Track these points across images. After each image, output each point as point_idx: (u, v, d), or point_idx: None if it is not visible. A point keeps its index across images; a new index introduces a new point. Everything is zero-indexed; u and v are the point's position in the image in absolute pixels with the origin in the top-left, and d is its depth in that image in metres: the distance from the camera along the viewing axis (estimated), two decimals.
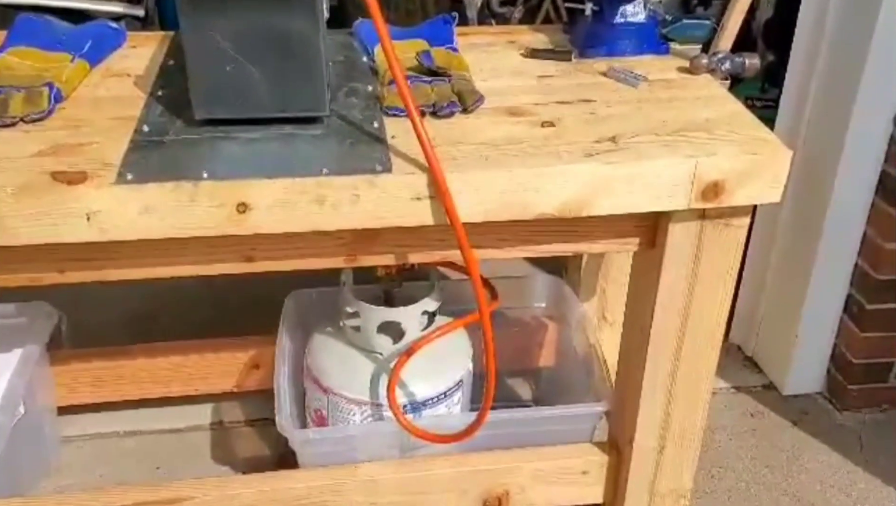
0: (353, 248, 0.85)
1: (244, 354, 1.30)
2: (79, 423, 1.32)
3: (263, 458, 1.31)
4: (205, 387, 1.30)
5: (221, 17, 0.75)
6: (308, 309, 1.22)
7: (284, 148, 0.79)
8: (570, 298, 1.28)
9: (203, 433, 1.35)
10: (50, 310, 1.17)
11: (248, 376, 1.31)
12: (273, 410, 1.35)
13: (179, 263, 0.83)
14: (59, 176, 0.72)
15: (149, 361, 1.27)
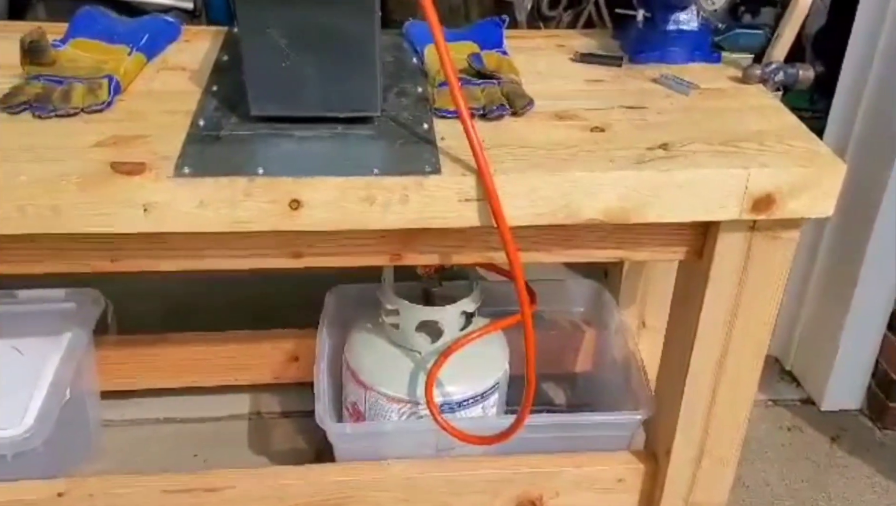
0: (398, 246, 0.86)
1: (284, 346, 1.32)
2: (120, 408, 1.35)
3: (300, 450, 1.32)
4: (244, 377, 1.33)
5: (278, 16, 0.76)
6: (348, 304, 1.24)
7: (336, 147, 0.80)
8: (610, 303, 1.27)
9: (241, 423, 1.37)
10: (98, 297, 1.20)
11: (287, 368, 1.33)
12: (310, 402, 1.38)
13: (229, 256, 0.84)
14: (118, 167, 0.74)
15: (191, 349, 1.30)
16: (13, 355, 1.10)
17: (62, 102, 0.82)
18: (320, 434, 1.34)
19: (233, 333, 1.31)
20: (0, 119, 0.81)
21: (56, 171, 0.73)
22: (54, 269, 0.82)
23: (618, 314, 1.25)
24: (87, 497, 0.98)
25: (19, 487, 0.98)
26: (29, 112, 0.82)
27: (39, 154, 0.75)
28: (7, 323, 1.14)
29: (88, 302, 1.18)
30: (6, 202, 0.71)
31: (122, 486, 1.00)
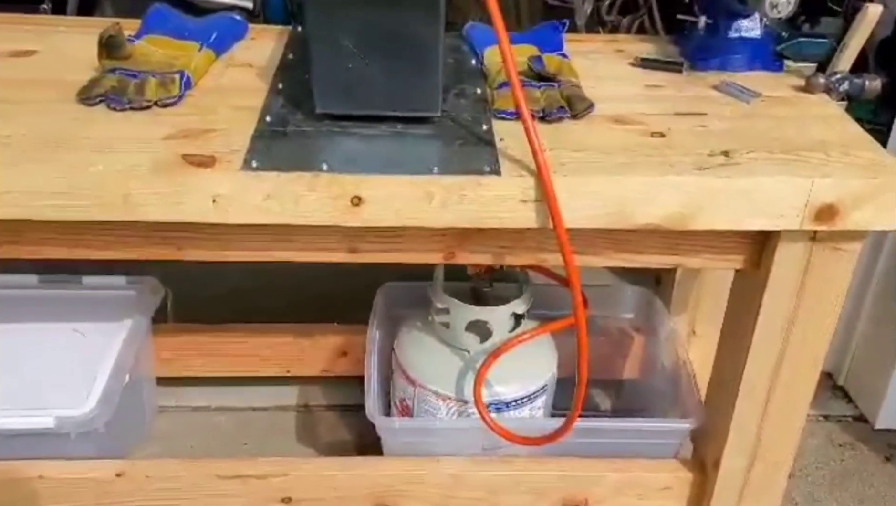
0: (452, 245, 0.87)
1: (333, 340, 1.34)
2: (173, 394, 1.39)
3: (345, 442, 1.34)
4: (295, 369, 1.35)
5: (346, 18, 0.78)
6: (396, 302, 1.25)
7: (397, 145, 0.82)
8: (660, 310, 1.26)
9: (289, 414, 1.40)
10: (157, 285, 1.23)
11: (336, 363, 1.35)
12: (356, 396, 1.40)
13: (290, 249, 0.86)
14: (189, 159, 0.77)
15: (244, 340, 1.33)
16: (76, 338, 1.14)
17: (136, 95, 0.85)
18: (365, 428, 1.36)
19: (285, 325, 1.34)
20: (77, 110, 0.85)
21: (130, 161, 0.76)
22: (124, 256, 0.85)
23: (668, 322, 1.25)
24: (144, 478, 1.02)
25: (81, 465, 1.01)
26: (104, 104, 0.85)
27: (114, 145, 0.79)
28: (71, 307, 1.19)
29: (148, 290, 1.22)
30: (84, 190, 0.75)
31: (178, 470, 1.03)
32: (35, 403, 1.02)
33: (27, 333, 1.14)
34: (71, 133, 0.80)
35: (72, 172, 0.74)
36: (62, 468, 1.00)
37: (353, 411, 1.41)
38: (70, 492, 1.01)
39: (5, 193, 0.74)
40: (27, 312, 1.17)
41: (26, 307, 1.18)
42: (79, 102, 0.86)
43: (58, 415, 0.98)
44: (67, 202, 0.75)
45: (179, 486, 1.03)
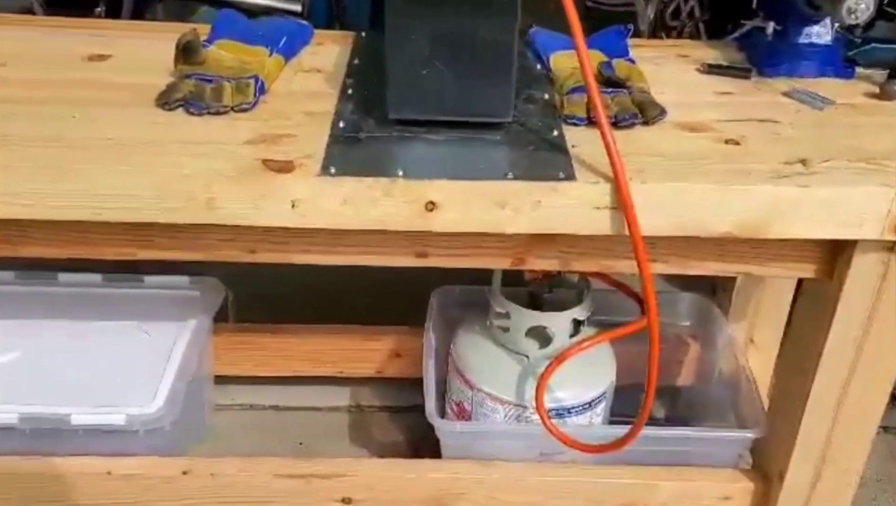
0: (521, 251, 0.87)
1: (387, 342, 1.35)
2: (229, 393, 1.41)
3: (397, 443, 1.35)
4: (349, 370, 1.36)
5: (424, 25, 0.79)
6: (451, 306, 1.26)
7: (469, 151, 0.83)
8: (718, 318, 1.25)
9: (341, 415, 1.42)
10: (218, 285, 1.26)
11: (389, 364, 1.36)
12: (408, 398, 1.42)
13: (360, 252, 0.87)
14: (269, 164, 0.78)
15: (299, 340, 1.34)
16: (141, 337, 1.16)
17: (214, 101, 0.87)
18: (417, 429, 1.38)
19: (340, 326, 1.36)
20: (157, 114, 0.87)
21: (212, 165, 0.77)
22: (197, 257, 0.87)
23: (726, 329, 1.23)
24: (209, 476, 1.03)
25: (148, 462, 1.04)
26: (183, 109, 0.87)
27: (195, 149, 0.80)
28: (134, 306, 1.21)
29: (211, 290, 1.24)
30: (172, 193, 0.76)
31: (241, 468, 1.05)
32: (103, 400, 1.04)
33: (93, 330, 1.17)
34: (155, 137, 0.81)
35: (161, 176, 0.76)
36: (130, 465, 1.03)
37: (404, 412, 1.42)
38: (137, 488, 1.03)
39: (94, 195, 0.76)
40: (93, 311, 1.19)
41: (92, 306, 1.20)
42: (157, 107, 0.88)
43: (128, 413, 1.00)
44: (156, 205, 0.76)
45: (243, 484, 1.04)
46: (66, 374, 1.08)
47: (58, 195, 0.76)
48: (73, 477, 1.02)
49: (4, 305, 1.18)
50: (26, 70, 0.94)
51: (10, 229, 0.82)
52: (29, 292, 1.22)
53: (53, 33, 1.05)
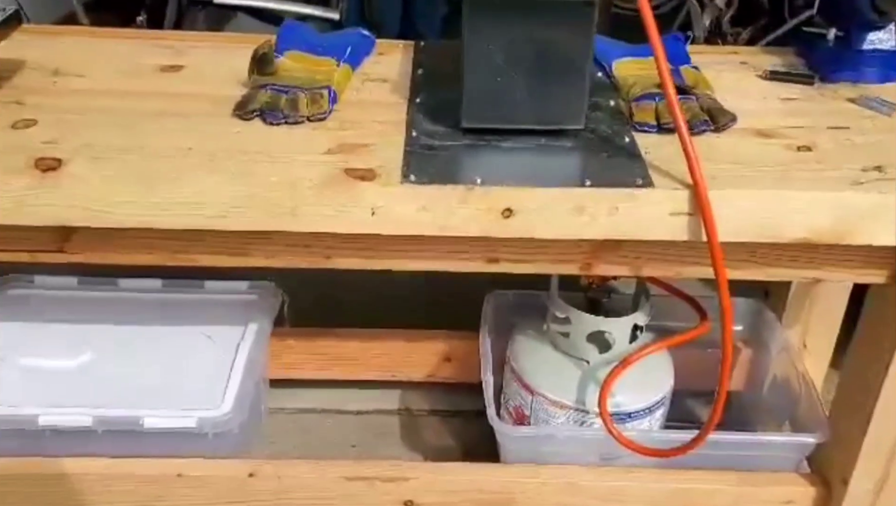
0: (590, 256, 0.88)
1: (438, 346, 1.36)
2: (280, 397, 1.43)
3: (448, 447, 1.36)
4: (401, 374, 1.38)
5: (502, 34, 0.80)
6: (504, 310, 1.27)
7: (544, 158, 0.84)
8: (772, 323, 1.25)
9: (391, 418, 1.43)
10: (276, 290, 1.28)
11: (440, 368, 1.37)
12: (459, 402, 1.43)
13: (430, 257, 0.88)
14: (351, 172, 0.80)
15: (352, 344, 1.36)
16: (204, 341, 1.18)
17: (291, 111, 0.89)
18: (469, 433, 1.39)
19: (392, 330, 1.37)
20: (235, 124, 0.88)
21: (297, 174, 0.79)
22: (275, 264, 0.89)
23: (781, 334, 1.24)
24: (276, 478, 1.05)
25: (216, 464, 1.06)
26: (260, 118, 0.89)
27: (278, 158, 0.82)
28: (196, 311, 1.24)
29: (269, 295, 1.26)
30: (259, 201, 0.78)
31: (307, 470, 1.07)
32: (171, 402, 1.06)
33: (157, 334, 1.19)
34: (237, 146, 0.83)
35: (249, 185, 0.78)
36: (199, 467, 1.05)
37: (455, 416, 1.43)
38: (205, 490, 1.05)
39: (183, 203, 0.78)
40: (155, 315, 1.22)
41: (154, 310, 1.23)
42: (235, 116, 0.89)
43: (199, 416, 1.02)
44: (244, 213, 0.78)
45: (308, 486, 1.06)
46: (134, 377, 1.10)
47: (147, 204, 0.78)
48: (143, 479, 1.04)
49: (69, 310, 1.20)
50: (103, 80, 0.96)
51: (97, 237, 0.84)
52: (91, 298, 1.24)
53: (124, 44, 1.08)
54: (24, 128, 0.84)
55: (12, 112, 0.87)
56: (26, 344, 1.14)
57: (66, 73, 0.97)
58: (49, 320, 1.18)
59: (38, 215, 0.78)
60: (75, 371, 1.11)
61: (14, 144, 0.81)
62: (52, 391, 1.07)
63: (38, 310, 1.20)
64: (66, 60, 0.99)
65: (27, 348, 1.13)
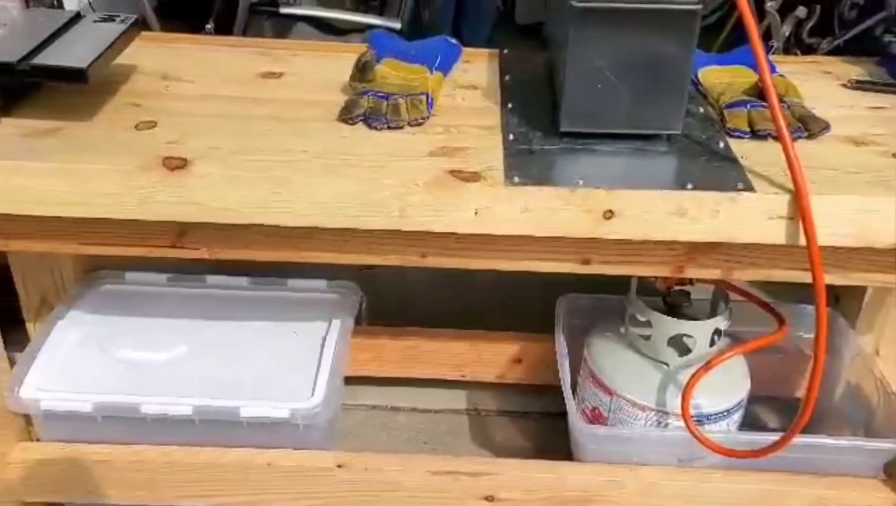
0: (683, 259, 0.90)
1: (509, 348, 1.38)
2: (354, 393, 1.46)
3: (520, 447, 1.39)
4: (471, 374, 1.41)
5: (606, 41, 0.83)
6: (577, 313, 1.29)
7: (644, 162, 0.86)
8: (844, 329, 1.26)
9: (461, 417, 1.46)
10: (355, 288, 1.31)
11: (510, 369, 1.40)
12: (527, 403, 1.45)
13: (526, 258, 0.91)
14: (456, 174, 0.83)
15: (424, 343, 1.39)
16: (291, 337, 1.22)
17: (393, 115, 0.92)
18: (538, 434, 1.41)
19: (464, 331, 1.40)
20: (341, 129, 0.92)
21: (405, 176, 0.83)
22: (375, 261, 0.92)
23: (854, 341, 1.24)
24: (363, 471, 1.09)
25: (306, 455, 1.09)
26: (363, 123, 0.93)
27: (385, 161, 0.86)
28: (280, 307, 1.28)
29: (349, 293, 1.30)
30: (372, 202, 0.82)
31: (393, 464, 1.10)
32: (262, 395, 1.10)
33: (245, 329, 1.23)
34: (345, 149, 0.87)
35: (363, 186, 0.82)
36: (290, 457, 1.09)
37: (523, 417, 1.45)
38: (295, 480, 1.09)
39: (301, 203, 0.82)
40: (242, 311, 1.26)
41: (241, 306, 1.27)
42: (339, 121, 0.94)
43: (292, 407, 1.06)
44: (357, 212, 0.82)
45: (394, 480, 1.09)
46: (225, 369, 1.15)
47: (265, 203, 0.82)
48: (236, 468, 1.08)
49: (161, 305, 1.25)
50: (211, 86, 1.01)
51: (211, 234, 0.88)
52: (181, 294, 1.29)
53: (225, 51, 1.13)
54: (146, 129, 0.89)
55: (133, 114, 0.92)
56: (122, 337, 1.19)
57: (176, 79, 1.02)
58: (142, 315, 1.23)
59: (162, 211, 0.83)
60: (170, 363, 1.16)
61: (140, 143, 0.86)
62: (148, 382, 1.12)
63: (131, 305, 1.25)
64: (173, 66, 1.05)
65: (123, 341, 1.18)
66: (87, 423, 1.06)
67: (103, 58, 0.84)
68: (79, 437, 1.08)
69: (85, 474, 1.07)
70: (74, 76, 0.81)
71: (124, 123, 0.90)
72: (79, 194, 0.81)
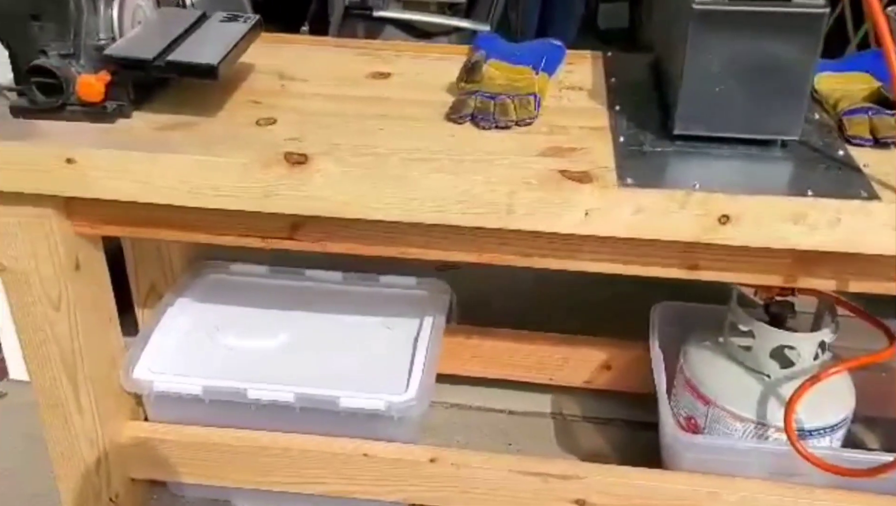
0: (794, 268, 0.88)
1: (599, 353, 1.37)
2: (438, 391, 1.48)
3: (605, 454, 1.37)
4: (558, 378, 1.40)
5: (726, 44, 0.82)
6: (673, 320, 1.27)
7: (761, 167, 0.85)
8: None
9: (544, 421, 1.45)
10: (445, 287, 1.33)
11: (598, 375, 1.39)
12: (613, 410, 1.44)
13: (631, 262, 0.91)
14: (568, 174, 0.83)
15: (514, 345, 1.39)
16: (384, 331, 1.25)
17: (501, 115, 0.93)
18: (625, 441, 1.39)
19: (553, 335, 1.39)
20: (449, 127, 0.94)
21: (515, 175, 0.84)
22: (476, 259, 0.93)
23: None
24: (453, 466, 1.10)
25: (399, 448, 1.11)
26: (471, 123, 0.94)
27: (494, 159, 0.87)
28: (373, 302, 1.31)
29: (438, 291, 1.32)
30: (479, 200, 0.83)
31: (483, 462, 1.11)
32: (356, 386, 1.12)
33: (340, 322, 1.26)
34: (455, 148, 0.89)
35: (470, 183, 0.83)
36: (384, 449, 1.11)
37: (607, 423, 1.44)
38: (388, 471, 1.11)
39: (411, 199, 0.84)
40: (338, 305, 1.29)
41: (336, 300, 1.31)
42: (447, 120, 0.95)
43: (388, 399, 1.08)
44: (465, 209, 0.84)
45: (483, 477, 1.10)
46: (323, 360, 1.18)
47: (382, 199, 0.85)
48: (333, 456, 1.11)
49: (263, 296, 1.30)
50: (324, 85, 1.05)
51: (324, 227, 0.91)
52: (281, 285, 1.34)
53: (333, 52, 1.16)
54: (266, 125, 0.93)
55: (253, 111, 0.96)
56: (227, 324, 1.24)
57: (291, 78, 1.05)
58: (245, 304, 1.28)
59: (284, 205, 0.86)
60: (271, 352, 1.20)
61: (261, 139, 0.90)
62: (251, 369, 1.16)
63: (235, 294, 1.30)
64: (287, 65, 1.09)
65: (228, 328, 1.23)
66: (193, 405, 1.11)
67: (230, 56, 0.88)
68: (184, 419, 1.13)
69: (190, 454, 1.12)
70: (206, 73, 0.85)
71: (245, 120, 0.94)
72: (206, 186, 0.85)
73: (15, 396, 1.45)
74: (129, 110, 0.90)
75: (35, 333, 0.98)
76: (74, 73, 0.86)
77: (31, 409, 1.09)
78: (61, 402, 1.04)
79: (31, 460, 1.32)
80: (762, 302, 1.13)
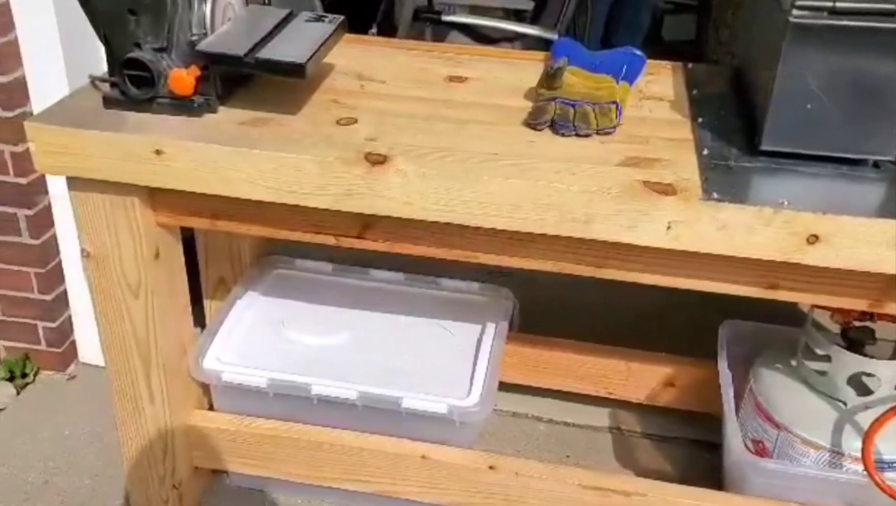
0: (881, 294, 0.85)
1: (662, 370, 1.35)
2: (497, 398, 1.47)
3: (664, 473, 1.34)
4: (618, 393, 1.38)
5: (821, 60, 0.80)
6: (741, 340, 1.24)
7: (851, 187, 0.82)
8: None
9: (602, 435, 1.43)
10: (508, 294, 1.32)
11: (661, 392, 1.36)
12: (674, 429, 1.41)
13: (707, 278, 0.88)
14: (651, 186, 0.82)
15: (573, 356, 1.37)
16: (445, 334, 1.25)
17: (581, 123, 0.92)
18: (684, 461, 1.36)
19: (616, 348, 1.37)
20: (527, 133, 0.93)
21: (594, 184, 0.83)
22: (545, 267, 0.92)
23: None
24: (514, 475, 1.09)
25: (459, 452, 1.11)
26: (550, 129, 0.94)
27: (573, 167, 0.86)
28: (434, 305, 1.30)
29: (500, 298, 1.31)
30: (553, 207, 0.82)
31: (544, 472, 1.09)
32: (418, 388, 1.12)
33: (401, 323, 1.27)
34: (534, 154, 0.88)
35: (546, 190, 0.82)
36: (444, 453, 1.10)
37: (666, 441, 1.41)
38: (446, 474, 1.11)
39: (484, 203, 0.84)
40: (399, 306, 1.30)
41: (398, 301, 1.31)
42: (525, 126, 0.95)
43: (451, 403, 1.08)
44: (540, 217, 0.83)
45: (544, 487, 1.09)
46: (385, 360, 1.18)
47: (458, 202, 0.84)
48: (392, 456, 1.11)
49: (327, 293, 1.31)
50: (402, 88, 1.05)
51: (394, 227, 0.91)
52: (344, 283, 1.35)
53: (410, 54, 1.17)
54: (346, 125, 0.93)
55: (333, 110, 0.97)
56: (292, 320, 1.25)
57: (370, 79, 1.06)
58: (310, 301, 1.29)
59: (362, 203, 0.87)
60: (334, 349, 1.21)
61: (342, 138, 0.90)
62: (314, 365, 1.17)
63: (300, 290, 1.31)
64: (366, 67, 1.09)
65: (293, 324, 1.24)
66: (257, 397, 1.12)
67: (317, 55, 0.89)
68: (247, 410, 1.15)
69: (252, 446, 1.13)
70: (294, 71, 0.86)
71: (326, 118, 0.95)
72: (286, 182, 0.86)
73: (85, 379, 1.49)
74: (215, 105, 0.92)
75: (114, 319, 1.01)
76: (166, 66, 0.88)
77: (100, 392, 1.11)
78: (133, 387, 1.06)
79: (97, 441, 1.36)
80: (839, 326, 1.10)
